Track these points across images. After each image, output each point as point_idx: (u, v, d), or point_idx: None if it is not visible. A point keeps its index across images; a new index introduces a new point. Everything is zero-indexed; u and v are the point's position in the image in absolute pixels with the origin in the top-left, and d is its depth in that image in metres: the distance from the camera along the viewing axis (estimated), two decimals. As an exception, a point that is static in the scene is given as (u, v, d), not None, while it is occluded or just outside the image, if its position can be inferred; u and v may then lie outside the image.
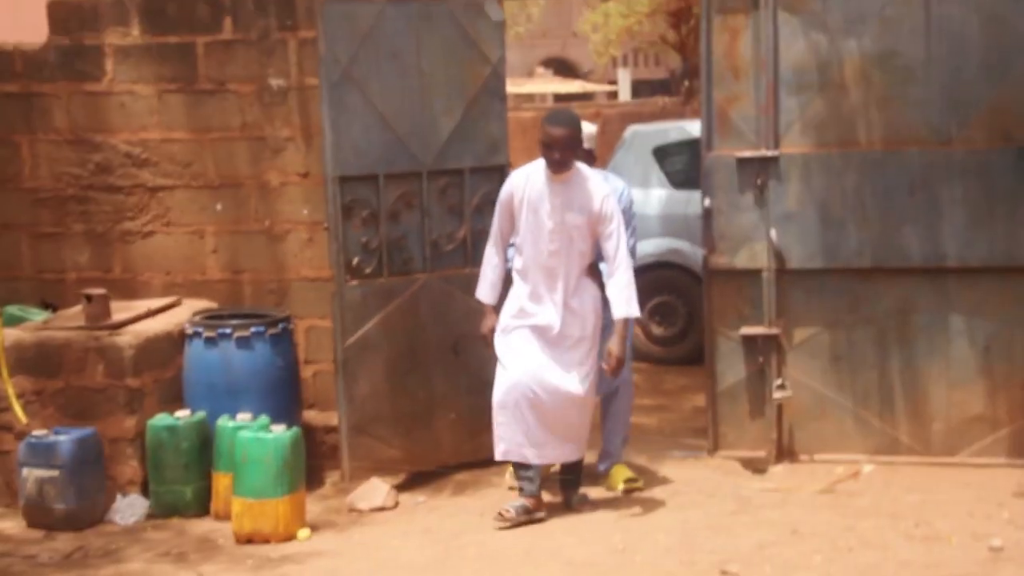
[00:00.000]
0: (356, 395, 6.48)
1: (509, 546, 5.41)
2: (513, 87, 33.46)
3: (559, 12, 37.85)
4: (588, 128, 6.25)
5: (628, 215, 6.24)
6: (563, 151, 5.77)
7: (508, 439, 5.88)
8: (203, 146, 7.32)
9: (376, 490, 6.33)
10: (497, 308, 6.01)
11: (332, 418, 6.78)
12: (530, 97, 34.65)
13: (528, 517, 5.79)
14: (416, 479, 6.59)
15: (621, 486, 6.28)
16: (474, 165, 6.65)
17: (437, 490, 6.48)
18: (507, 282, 6.06)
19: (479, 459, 6.61)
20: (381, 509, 6.22)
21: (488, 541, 5.53)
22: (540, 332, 5.87)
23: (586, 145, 6.16)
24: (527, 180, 5.91)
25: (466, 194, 6.66)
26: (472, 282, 6.27)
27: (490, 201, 6.62)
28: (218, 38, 7.19)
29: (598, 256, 5.98)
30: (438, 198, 6.62)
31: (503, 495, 6.22)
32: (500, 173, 6.64)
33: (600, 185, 5.90)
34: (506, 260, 6.06)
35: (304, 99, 7.09)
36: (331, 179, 6.39)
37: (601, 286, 5.93)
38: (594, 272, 5.97)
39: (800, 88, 6.49)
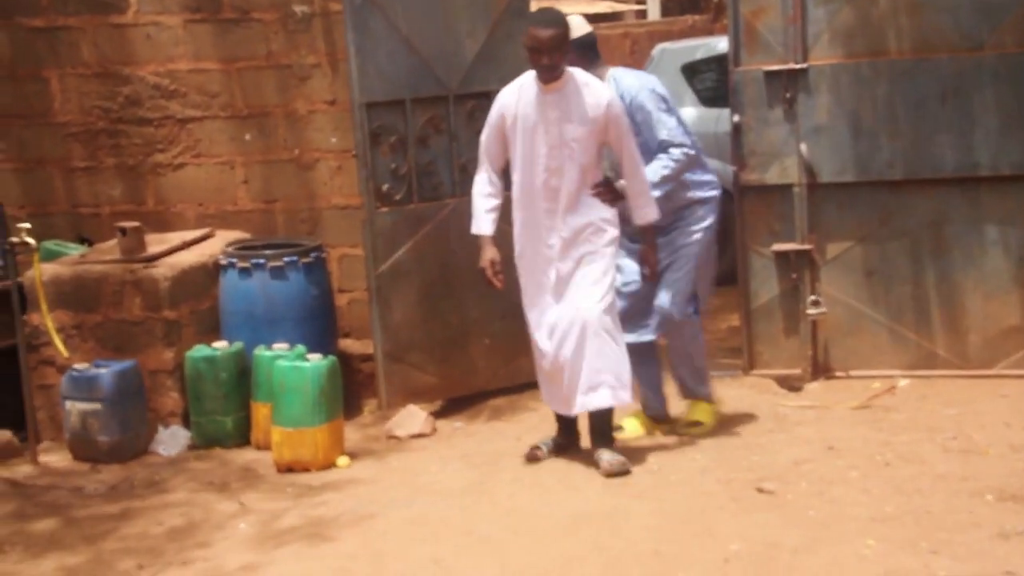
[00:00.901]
0: (390, 323, 6.41)
1: (545, 469, 5.35)
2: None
3: (585, -69, 37.27)
4: (581, 25, 5.55)
5: (647, 111, 5.49)
6: (551, 54, 5.10)
7: (544, 391, 5.54)
8: (230, 76, 7.24)
9: (413, 417, 6.29)
10: (494, 238, 5.43)
11: (368, 346, 6.74)
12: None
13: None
14: (453, 405, 6.54)
15: (684, 428, 5.80)
16: (500, 87, 6.45)
17: (474, 416, 6.42)
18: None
19: (515, 384, 6.57)
20: (419, 436, 6.18)
21: (524, 465, 5.47)
22: (545, 265, 5.31)
23: (576, 35, 5.43)
24: (518, 96, 5.30)
25: (494, 116, 6.53)
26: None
27: (518, 123, 6.52)
28: (241, -33, 7.07)
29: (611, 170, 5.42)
30: (465, 121, 6.48)
31: (540, 418, 6.12)
32: (527, 95, 6.50)
33: (601, 90, 5.25)
34: (500, 187, 5.43)
35: (328, 25, 6.98)
36: (358, 105, 6.28)
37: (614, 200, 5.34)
38: (605, 188, 5.34)
39: (828, -4, 6.29)
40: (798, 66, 6.36)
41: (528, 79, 5.29)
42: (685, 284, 5.61)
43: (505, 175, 5.41)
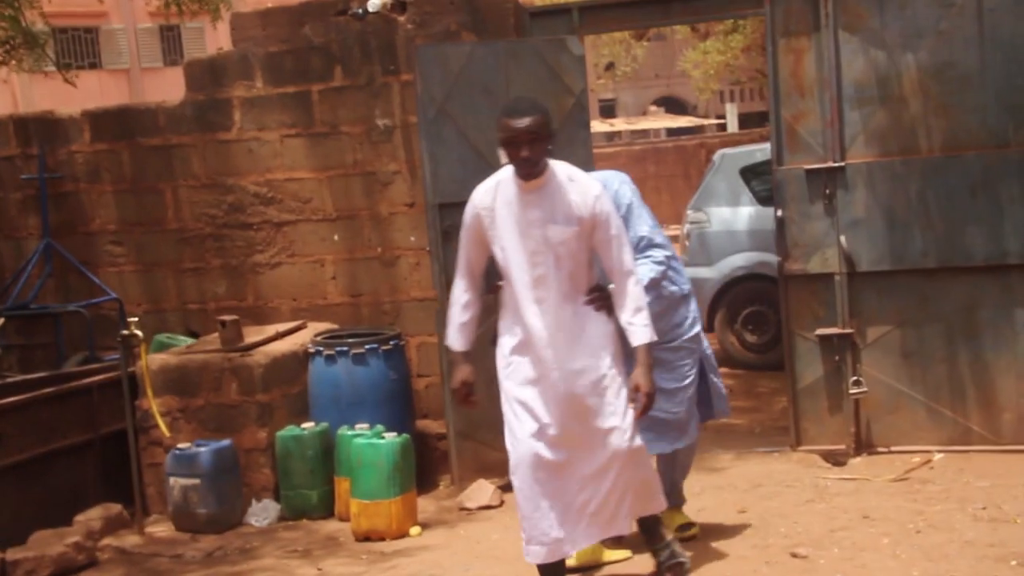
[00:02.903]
0: (461, 403, 6.50)
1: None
2: (627, 124, 33.56)
3: (666, 53, 37.74)
4: None
5: (629, 203, 4.86)
6: (532, 146, 4.18)
7: (532, 533, 4.35)
8: (321, 183, 7.48)
9: (482, 490, 6.35)
10: (468, 354, 4.60)
11: (443, 426, 6.83)
12: (644, 133, 34.60)
13: None
14: (520, 479, 6.59)
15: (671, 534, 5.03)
16: (561, 189, 6.64)
17: (539, 488, 6.46)
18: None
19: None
20: (487, 507, 6.23)
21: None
22: (543, 383, 4.32)
23: None
24: (495, 195, 4.36)
25: (555, 215, 6.66)
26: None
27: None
28: (330, 85, 7.35)
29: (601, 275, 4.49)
30: (529, 220, 6.62)
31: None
32: (586, 195, 6.65)
33: (588, 184, 4.32)
34: (478, 296, 4.56)
35: (408, 135, 7.19)
36: (431, 206, 6.47)
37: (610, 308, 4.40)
38: (600, 295, 4.43)
39: (862, 102, 6.37)
40: (836, 164, 6.42)
41: (505, 174, 4.37)
42: (693, 402, 5.06)
43: (487, 277, 4.60)
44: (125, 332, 6.25)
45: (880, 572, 4.62)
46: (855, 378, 6.43)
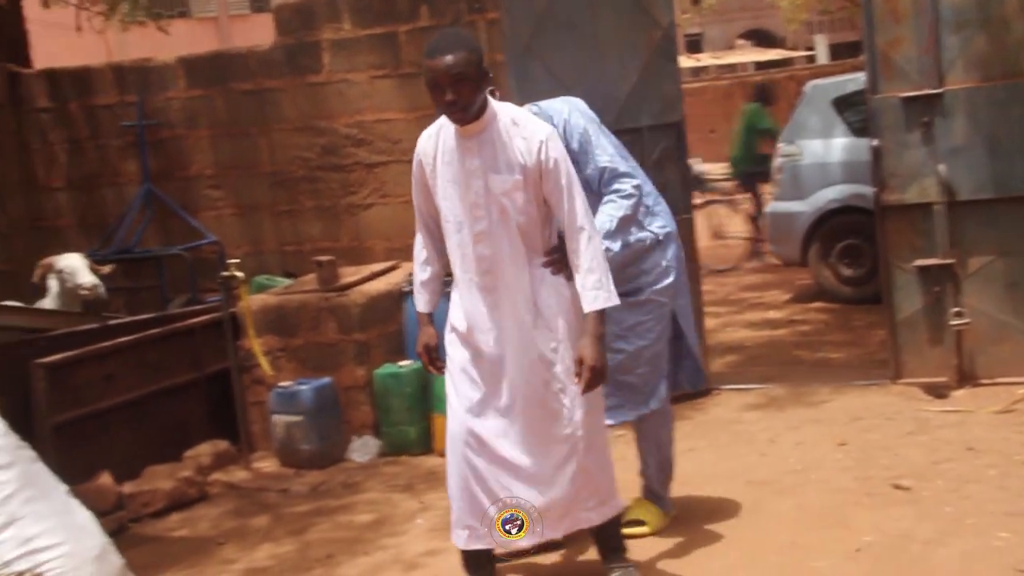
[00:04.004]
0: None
1: (693, 469, 5.36)
2: (714, 59, 33.00)
3: (753, -16, 36.94)
4: None
5: (586, 133, 4.24)
6: (456, 87, 3.60)
7: (460, 515, 3.94)
8: (410, 123, 7.50)
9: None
10: (433, 315, 4.17)
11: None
12: (731, 67, 34.02)
13: None
14: (615, 414, 6.60)
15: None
16: (651, 123, 6.58)
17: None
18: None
19: (672, 394, 6.54)
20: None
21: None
22: (485, 356, 3.85)
23: None
24: (437, 141, 3.86)
25: (645, 150, 6.58)
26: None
27: (668, 156, 6.59)
28: (417, 26, 7.35)
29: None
30: (619, 156, 6.56)
31: (694, 426, 6.13)
32: (676, 129, 6.59)
33: (535, 127, 3.75)
34: (439, 251, 4.07)
35: (494, 74, 7.14)
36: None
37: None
38: (558, 256, 3.85)
39: (960, 25, 6.16)
40: (934, 91, 6.25)
41: (448, 119, 3.82)
42: (663, 361, 4.47)
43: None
44: (226, 274, 6.35)
45: (988, 503, 4.55)
46: (956, 309, 6.29)
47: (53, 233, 8.78)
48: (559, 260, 3.82)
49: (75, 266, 7.56)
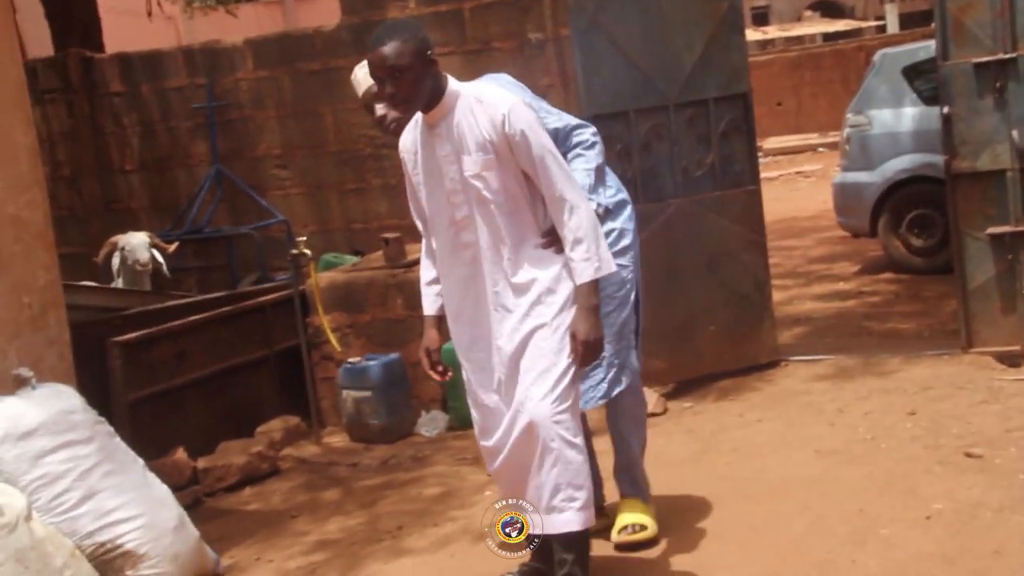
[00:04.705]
0: (622, 313, 6.51)
1: (762, 440, 5.36)
2: (781, 31, 32.58)
3: (821, -46, 36.36)
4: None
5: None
6: (395, 80, 3.45)
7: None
8: (475, 100, 7.51)
9: (647, 398, 6.36)
10: (440, 319, 3.91)
11: (604, 335, 6.84)
12: (799, 39, 33.56)
13: None
14: (683, 387, 6.57)
15: (616, 534, 4.28)
16: (717, 95, 6.53)
17: (702, 396, 6.44)
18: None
19: (739, 367, 6.56)
20: (651, 415, 6.19)
21: (743, 435, 5.49)
22: (482, 354, 3.71)
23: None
24: (415, 135, 3.72)
25: (712, 122, 6.55)
26: (722, 205, 6.21)
27: (735, 127, 6.56)
28: (481, 2, 7.38)
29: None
30: (685, 128, 6.52)
31: (763, 397, 6.13)
32: (743, 100, 6.55)
33: (496, 100, 3.56)
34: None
35: (560, 49, 7.17)
36: (586, 118, 6.31)
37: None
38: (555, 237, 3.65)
39: (1035, -12, 6.03)
40: (1008, 56, 6.11)
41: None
42: (630, 331, 4.27)
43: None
44: (294, 252, 6.43)
45: (1062, 472, 4.49)
46: (1030, 277, 6.18)
47: (127, 215, 8.95)
48: (556, 239, 3.60)
49: (135, 243, 7.74)
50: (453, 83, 3.60)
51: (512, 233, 3.60)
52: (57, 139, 8.97)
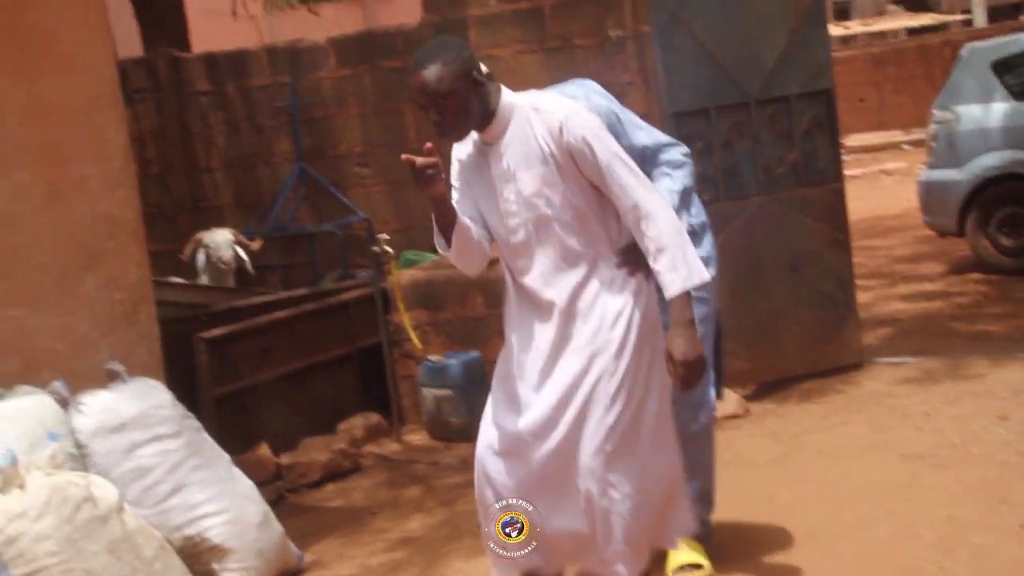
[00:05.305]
0: (703, 312, 6.47)
1: (848, 442, 5.29)
2: (863, 26, 32.09)
3: (905, -53, 35.72)
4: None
5: (614, 115, 3.75)
6: (439, 106, 3.18)
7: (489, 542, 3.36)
8: (555, 98, 7.51)
9: (727, 399, 6.28)
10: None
11: (684, 335, 6.80)
12: (882, 34, 33.01)
13: None
14: (764, 388, 6.50)
15: (671, 574, 3.98)
16: (800, 91, 6.44)
17: (784, 398, 6.36)
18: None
19: (822, 368, 6.48)
20: (732, 416, 6.17)
21: (827, 438, 5.42)
22: (524, 378, 3.30)
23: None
24: (465, 153, 3.41)
25: (794, 119, 6.47)
26: (804, 203, 6.13)
27: (818, 124, 6.47)
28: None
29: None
30: (767, 125, 6.45)
31: (847, 400, 6.04)
32: (826, 96, 6.47)
33: (553, 108, 3.23)
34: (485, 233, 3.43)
35: (640, 45, 7.16)
36: (667, 115, 6.39)
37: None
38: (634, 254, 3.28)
39: None
40: (1103, 50, 5.98)
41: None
42: (709, 356, 3.79)
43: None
44: (376, 249, 6.47)
45: None
46: None
47: (212, 212, 9.09)
48: (633, 258, 3.25)
49: (219, 241, 7.88)
50: (507, 95, 3.30)
51: (580, 254, 3.25)
52: (147, 137, 9.13)
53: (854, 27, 32.05)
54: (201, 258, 8.04)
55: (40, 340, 4.55)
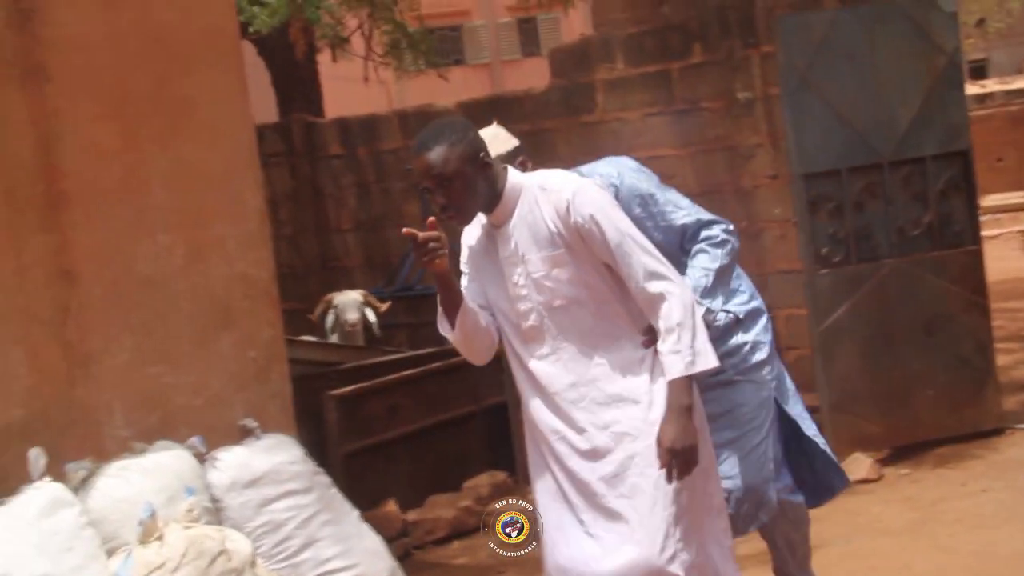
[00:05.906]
0: (833, 376, 6.37)
1: (989, 511, 5.13)
2: (1001, 85, 31.35)
3: (1043, 4, 34.88)
4: (508, 139, 3.79)
5: (648, 194, 3.60)
6: (445, 189, 3.07)
7: None
8: (683, 159, 7.53)
9: (859, 463, 6.16)
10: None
11: (815, 399, 6.68)
12: (1020, 92, 32.19)
13: None
14: (899, 453, 6.33)
15: None
16: (936, 152, 6.35)
17: (919, 463, 6.19)
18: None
19: (960, 433, 6.30)
20: (864, 480, 6.05)
21: (966, 506, 5.25)
22: (552, 475, 3.26)
23: (500, 151, 3.52)
24: (474, 237, 3.28)
25: (929, 180, 6.37)
26: (940, 266, 6.03)
27: (954, 186, 6.37)
28: (690, 62, 7.39)
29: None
30: (901, 186, 6.37)
31: (987, 466, 5.87)
32: (963, 158, 6.41)
33: (560, 187, 3.09)
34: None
35: (769, 107, 7.11)
36: (797, 177, 6.35)
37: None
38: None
39: None
40: None
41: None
42: (765, 459, 3.65)
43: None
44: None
45: None
46: None
47: (342, 273, 9.30)
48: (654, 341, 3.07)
49: (346, 303, 8.06)
50: (514, 176, 3.17)
51: (599, 335, 3.10)
52: (280, 200, 9.41)
53: (991, 85, 31.33)
54: (331, 318, 8.21)
55: (178, 397, 4.69)
